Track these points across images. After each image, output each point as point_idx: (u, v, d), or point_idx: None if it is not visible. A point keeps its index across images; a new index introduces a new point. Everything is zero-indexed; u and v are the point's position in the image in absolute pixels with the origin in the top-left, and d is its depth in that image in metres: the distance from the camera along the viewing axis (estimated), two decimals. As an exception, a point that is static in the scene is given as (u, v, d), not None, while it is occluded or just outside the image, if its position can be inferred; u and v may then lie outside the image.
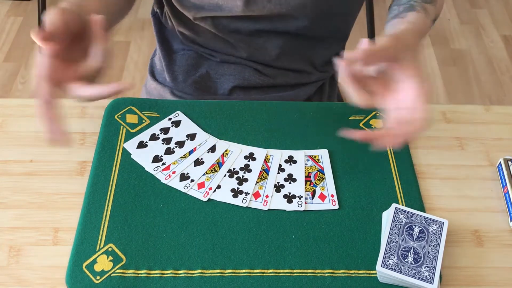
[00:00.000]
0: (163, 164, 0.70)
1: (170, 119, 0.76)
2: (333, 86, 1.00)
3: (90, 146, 0.73)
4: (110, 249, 0.62)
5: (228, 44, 0.87)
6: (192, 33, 0.88)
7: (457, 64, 2.11)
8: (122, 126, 0.75)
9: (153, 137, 0.73)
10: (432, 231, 0.62)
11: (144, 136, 0.74)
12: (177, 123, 0.75)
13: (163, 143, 0.73)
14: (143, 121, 0.75)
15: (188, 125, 0.75)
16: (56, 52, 0.60)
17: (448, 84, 2.02)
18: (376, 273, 0.61)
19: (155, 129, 0.75)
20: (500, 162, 0.72)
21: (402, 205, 0.67)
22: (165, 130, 0.74)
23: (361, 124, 0.77)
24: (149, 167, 0.70)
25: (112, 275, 0.60)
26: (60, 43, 0.60)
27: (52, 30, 0.58)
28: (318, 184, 0.69)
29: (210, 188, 0.68)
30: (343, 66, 0.60)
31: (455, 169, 0.74)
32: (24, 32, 2.15)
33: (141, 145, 0.73)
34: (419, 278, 0.58)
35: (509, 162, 0.71)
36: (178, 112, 0.77)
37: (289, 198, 0.68)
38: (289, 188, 0.69)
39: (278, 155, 0.72)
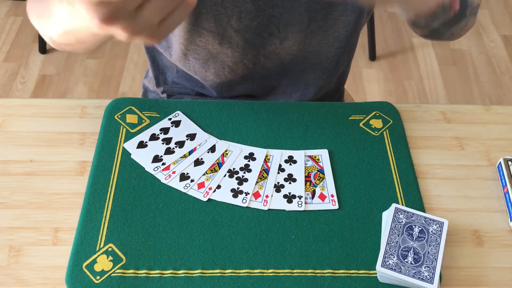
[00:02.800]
0: (163, 164, 0.70)
1: (170, 119, 0.76)
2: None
3: (90, 146, 0.73)
4: (110, 249, 0.62)
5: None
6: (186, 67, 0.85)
7: (457, 64, 2.11)
8: (122, 126, 0.75)
9: (153, 137, 0.73)
10: (432, 231, 0.62)
11: (144, 136, 0.74)
12: (177, 123, 0.75)
13: (163, 143, 0.73)
14: (143, 121, 0.75)
15: (188, 125, 0.75)
16: None
17: (448, 84, 2.02)
18: (376, 273, 0.61)
19: (155, 129, 0.75)
20: (500, 162, 0.72)
21: (402, 205, 0.67)
22: (165, 130, 0.74)
23: (361, 124, 0.77)
24: (149, 167, 0.70)
25: (112, 275, 0.60)
26: None
27: None
28: (318, 184, 0.69)
29: (210, 188, 0.68)
30: None
31: (455, 169, 0.74)
32: (24, 32, 2.15)
33: (141, 145, 0.73)
34: (419, 278, 0.58)
35: (509, 162, 0.71)
36: (178, 112, 0.77)
37: (289, 198, 0.68)
38: (289, 188, 0.69)
39: (278, 155, 0.72)
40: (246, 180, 0.69)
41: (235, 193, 0.68)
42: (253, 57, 0.81)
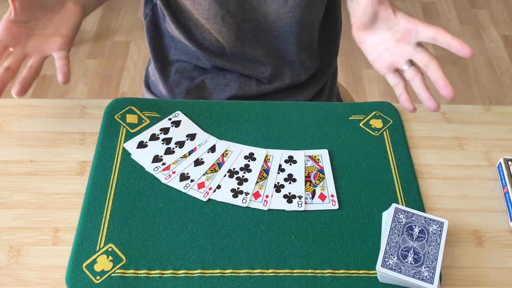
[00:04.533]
0: (163, 164, 0.70)
1: (170, 119, 0.76)
2: (332, 88, 1.00)
3: (90, 146, 0.73)
4: (110, 249, 0.62)
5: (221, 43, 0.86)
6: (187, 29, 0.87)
7: (457, 64, 2.11)
8: (122, 126, 0.75)
9: (153, 137, 0.73)
10: (432, 231, 0.62)
11: (144, 136, 0.74)
12: (177, 123, 0.75)
13: (163, 143, 0.73)
14: (143, 121, 0.76)
15: (188, 125, 0.75)
16: (16, 14, 0.67)
17: (448, 84, 2.02)
18: (376, 273, 0.61)
19: (155, 129, 0.75)
20: (500, 162, 0.72)
21: (402, 205, 0.67)
22: (165, 130, 0.74)
23: (361, 124, 0.77)
24: (149, 167, 0.70)
25: (112, 275, 0.60)
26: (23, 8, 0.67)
27: None
28: (318, 184, 0.69)
29: (210, 188, 0.68)
30: None
31: (455, 169, 0.74)
32: (24, 32, 2.15)
33: (141, 145, 0.73)
34: (419, 278, 0.58)
35: (509, 162, 0.71)
36: (178, 112, 0.77)
37: (289, 198, 0.68)
38: (289, 188, 0.69)
39: (278, 155, 0.72)
40: (246, 180, 0.69)
41: (235, 193, 0.68)
42: (237, 34, 0.83)
